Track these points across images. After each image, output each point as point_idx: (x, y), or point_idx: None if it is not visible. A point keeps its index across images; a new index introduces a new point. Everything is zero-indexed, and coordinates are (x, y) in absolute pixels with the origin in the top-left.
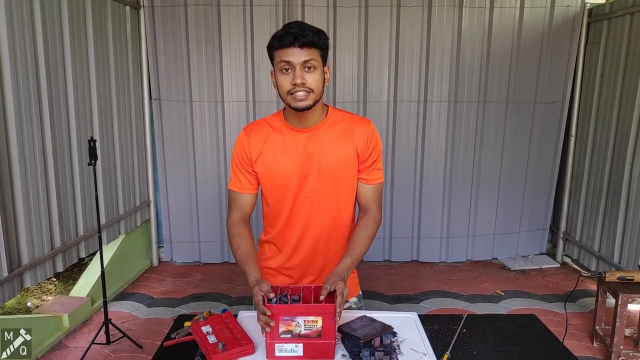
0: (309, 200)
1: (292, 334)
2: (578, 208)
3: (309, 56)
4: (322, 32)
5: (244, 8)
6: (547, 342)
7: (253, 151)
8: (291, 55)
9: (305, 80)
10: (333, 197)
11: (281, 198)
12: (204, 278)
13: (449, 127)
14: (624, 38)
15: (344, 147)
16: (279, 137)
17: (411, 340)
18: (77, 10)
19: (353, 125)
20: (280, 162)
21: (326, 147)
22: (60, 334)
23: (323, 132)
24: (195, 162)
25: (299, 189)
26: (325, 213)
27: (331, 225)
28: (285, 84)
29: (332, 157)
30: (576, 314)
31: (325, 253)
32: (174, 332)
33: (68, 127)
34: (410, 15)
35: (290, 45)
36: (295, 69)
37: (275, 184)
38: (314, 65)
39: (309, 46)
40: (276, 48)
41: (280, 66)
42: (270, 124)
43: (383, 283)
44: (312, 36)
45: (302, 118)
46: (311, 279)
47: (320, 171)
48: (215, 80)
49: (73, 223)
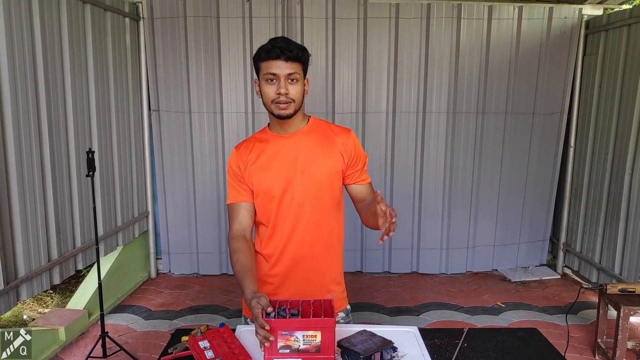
0: (295, 202)
1: (290, 349)
2: (578, 219)
3: (292, 69)
4: (304, 48)
5: (243, 20)
6: (550, 357)
7: (241, 163)
8: (277, 67)
9: (288, 91)
10: (317, 199)
11: (268, 201)
12: (202, 290)
13: (448, 138)
14: (621, 49)
15: (327, 152)
16: (264, 145)
17: (412, 355)
18: (76, 22)
19: (334, 133)
20: (266, 166)
21: (309, 151)
22: (56, 347)
23: (305, 136)
24: (194, 173)
25: (284, 191)
26: (310, 215)
27: (316, 229)
28: (270, 93)
29: (315, 161)
30: (577, 327)
31: (311, 258)
32: (171, 346)
33: (66, 138)
34: (408, 27)
35: (277, 58)
36: (280, 80)
37: (263, 188)
38: (297, 78)
39: (293, 60)
40: (263, 60)
41: (266, 77)
42: (256, 138)
43: (382, 295)
44: (296, 51)
45: (284, 125)
46: (295, 288)
47: (304, 173)
48: (215, 91)
49: (70, 235)
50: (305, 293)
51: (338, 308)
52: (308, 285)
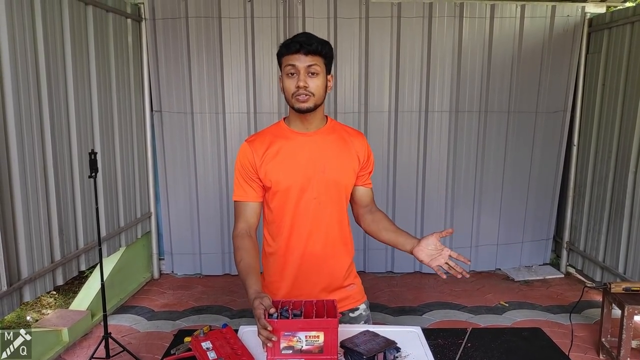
0: (316, 201)
1: (293, 350)
2: (582, 218)
3: (312, 62)
4: (327, 42)
5: (244, 20)
6: (554, 357)
7: (257, 158)
8: (296, 60)
9: (308, 84)
10: (337, 199)
11: (285, 200)
12: (205, 290)
13: (450, 137)
14: (624, 47)
15: (346, 153)
16: (283, 141)
17: (415, 355)
18: (78, 23)
19: (350, 135)
20: (287, 163)
21: (330, 151)
22: (59, 348)
23: (326, 135)
24: (197, 173)
25: (304, 189)
26: (332, 215)
27: (337, 227)
28: (290, 86)
29: (336, 161)
30: (581, 326)
31: (333, 256)
32: (174, 347)
33: (69, 140)
34: (410, 26)
35: (297, 52)
36: (299, 73)
37: (283, 185)
38: (317, 71)
39: (314, 54)
40: (284, 54)
41: (287, 70)
42: (272, 132)
43: (386, 295)
44: (316, 45)
45: (304, 121)
46: (317, 285)
47: (325, 173)
48: (217, 91)
49: (73, 236)
50: (329, 289)
51: (360, 300)
52: (333, 281)
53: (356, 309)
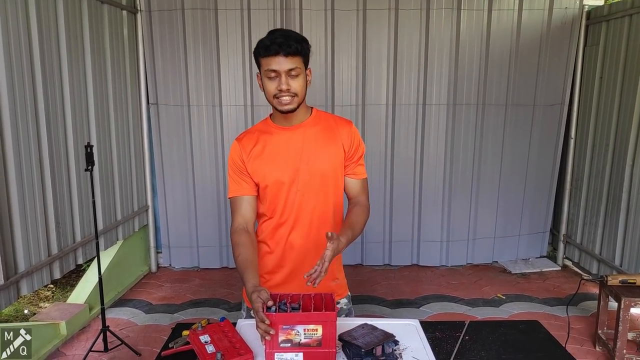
0: (300, 193)
1: (292, 343)
2: (578, 211)
3: (293, 64)
4: (304, 39)
5: (241, 12)
6: (551, 349)
7: (245, 155)
8: (277, 64)
9: (290, 86)
10: (321, 190)
11: (273, 194)
12: (202, 283)
13: (448, 130)
14: (622, 40)
15: (331, 143)
16: (269, 137)
17: (413, 348)
18: (73, 15)
19: (337, 124)
20: (272, 158)
21: (314, 142)
22: (57, 341)
23: (309, 128)
24: (194, 166)
25: (289, 183)
26: (315, 206)
27: (320, 219)
28: (272, 88)
29: (319, 152)
30: (578, 318)
31: (316, 247)
32: (172, 341)
33: (65, 133)
34: (408, 19)
35: (276, 55)
36: (281, 76)
37: (271, 179)
38: (298, 72)
39: (293, 55)
40: (262, 56)
41: (267, 74)
42: (259, 129)
43: (383, 287)
44: (295, 46)
45: (288, 117)
46: (302, 279)
47: (309, 164)
48: (213, 84)
49: (70, 229)
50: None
51: (342, 295)
52: None
53: (337, 302)
